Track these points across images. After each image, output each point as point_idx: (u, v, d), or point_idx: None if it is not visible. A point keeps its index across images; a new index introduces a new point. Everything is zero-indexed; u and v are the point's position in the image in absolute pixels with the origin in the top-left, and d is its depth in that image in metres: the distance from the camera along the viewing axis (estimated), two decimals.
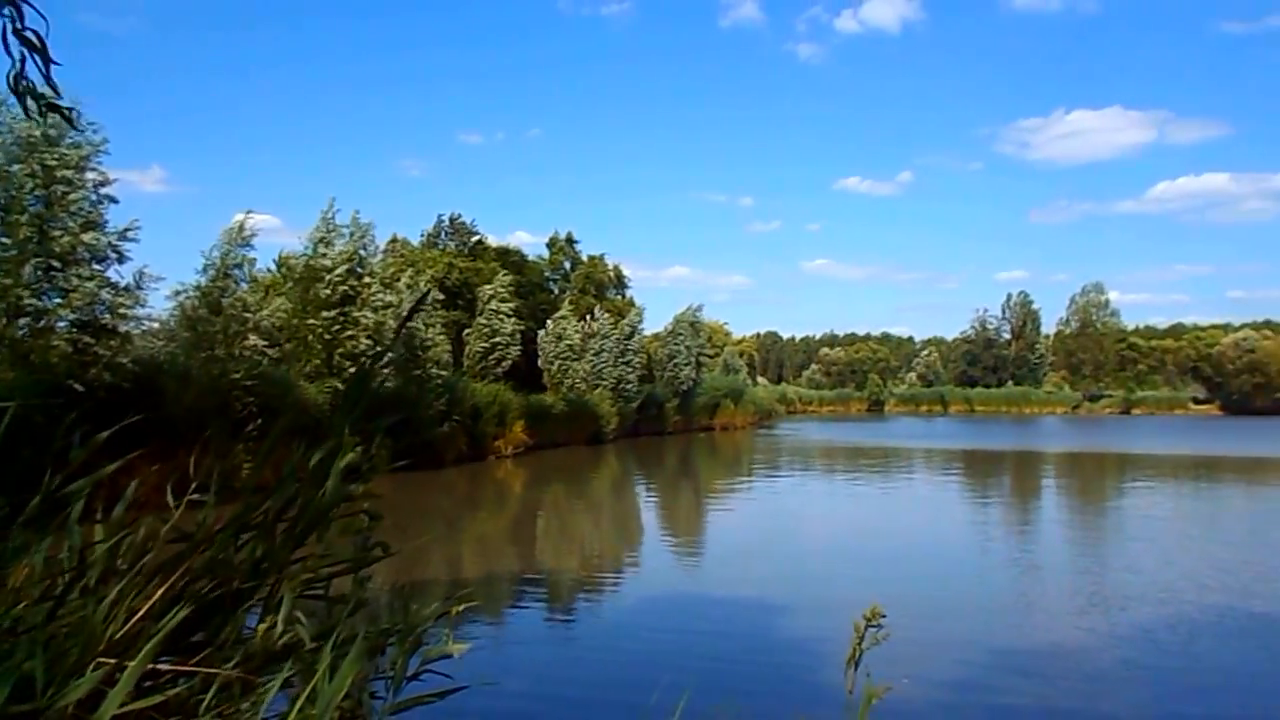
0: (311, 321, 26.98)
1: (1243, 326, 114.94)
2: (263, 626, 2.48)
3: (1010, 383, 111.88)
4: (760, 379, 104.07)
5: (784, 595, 12.22)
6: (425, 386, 28.93)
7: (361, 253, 28.57)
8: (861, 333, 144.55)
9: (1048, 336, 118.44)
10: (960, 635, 10.38)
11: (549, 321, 44.38)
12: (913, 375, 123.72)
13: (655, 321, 57.87)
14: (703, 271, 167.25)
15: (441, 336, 31.37)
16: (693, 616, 11.23)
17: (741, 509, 23.36)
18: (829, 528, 19.80)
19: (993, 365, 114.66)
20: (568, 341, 43.94)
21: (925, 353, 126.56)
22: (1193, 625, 10.59)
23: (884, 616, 4.21)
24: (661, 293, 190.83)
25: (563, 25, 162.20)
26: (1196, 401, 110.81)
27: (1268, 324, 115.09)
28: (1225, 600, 11.85)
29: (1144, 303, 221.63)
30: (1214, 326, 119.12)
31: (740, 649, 9.65)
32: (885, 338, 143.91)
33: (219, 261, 23.36)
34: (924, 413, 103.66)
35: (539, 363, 43.73)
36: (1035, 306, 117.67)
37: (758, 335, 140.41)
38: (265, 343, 24.86)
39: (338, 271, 27.61)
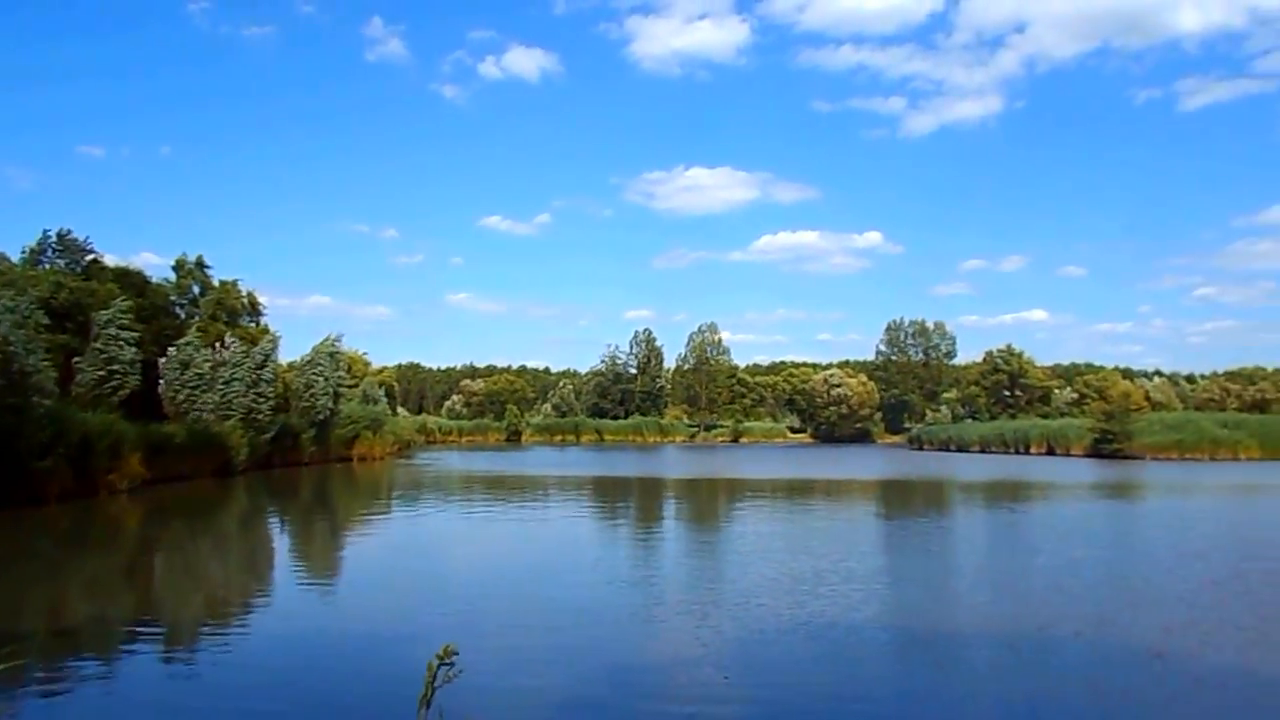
0: None
1: (830, 365, 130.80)
2: None
3: (636, 414, 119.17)
4: (401, 409, 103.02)
5: (423, 625, 12.84)
6: (26, 416, 26.36)
7: None
8: (501, 364, 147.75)
9: (669, 371, 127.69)
10: (568, 645, 11.71)
11: (171, 348, 41.68)
12: (548, 406, 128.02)
13: (295, 350, 55.88)
14: (344, 301, 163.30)
15: (46, 362, 28.71)
16: (323, 651, 11.40)
17: (378, 540, 23.55)
18: (464, 556, 20.59)
19: (620, 398, 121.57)
20: (195, 370, 41.52)
21: (560, 385, 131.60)
22: (765, 627, 12.58)
23: (456, 654, 4.29)
24: (301, 321, 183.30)
25: (199, 42, 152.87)
26: (793, 430, 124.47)
27: (848, 363, 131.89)
28: (795, 604, 14.04)
29: (751, 342, 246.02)
30: (807, 365, 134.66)
31: (374, 679, 10.13)
32: (523, 370, 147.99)
33: None
34: (558, 442, 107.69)
35: (161, 392, 40.92)
36: (659, 344, 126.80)
37: (399, 366, 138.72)
38: None
39: None
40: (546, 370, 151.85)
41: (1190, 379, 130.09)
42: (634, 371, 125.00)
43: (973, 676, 10.67)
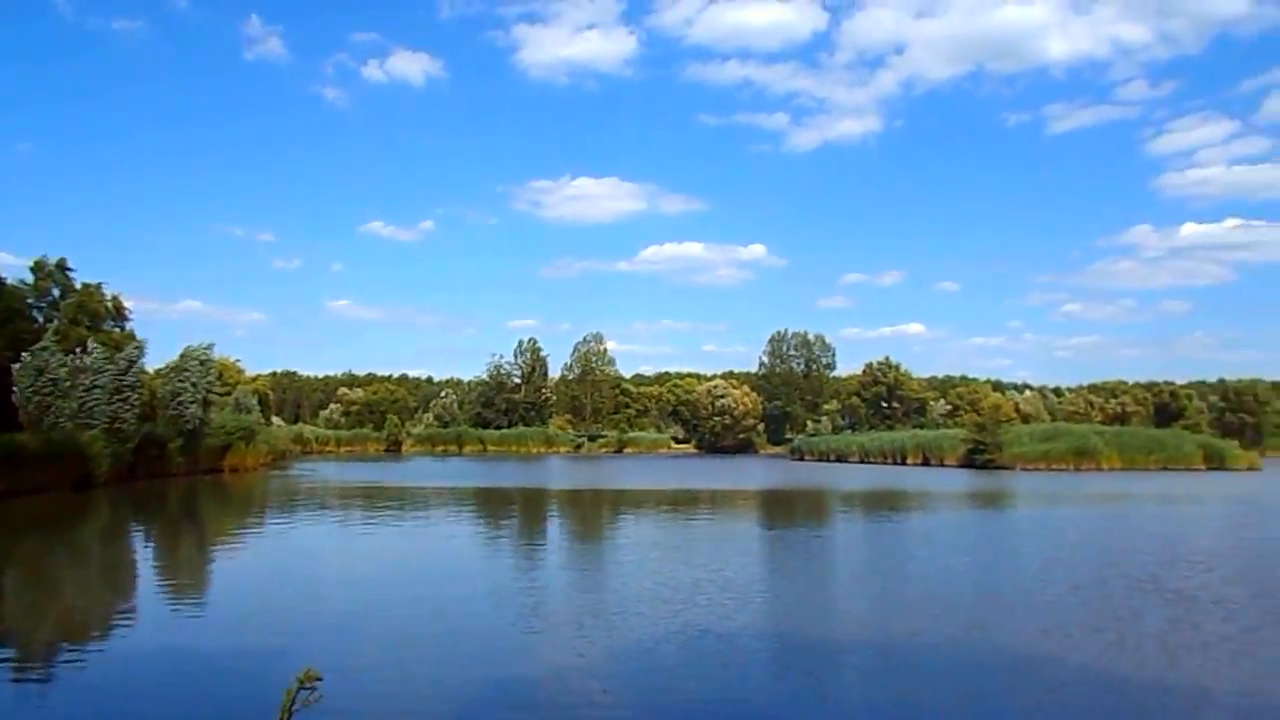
0: None
1: (714, 376, 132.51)
2: None
3: (520, 424, 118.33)
4: (276, 419, 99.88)
5: (292, 644, 12.39)
6: None
7: None
8: (382, 373, 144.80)
9: (554, 381, 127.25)
10: (443, 659, 11.50)
11: (26, 354, 39.47)
12: (430, 416, 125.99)
13: (164, 356, 53.48)
14: (218, 306, 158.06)
15: None
16: (182, 672, 10.95)
17: (248, 555, 22.67)
18: (339, 570, 19.99)
19: (505, 408, 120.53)
20: (51, 376, 39.40)
21: (443, 394, 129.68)
22: (642, 637, 12.61)
23: (320, 679, 4.06)
24: (172, 327, 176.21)
25: (65, 33, 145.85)
26: (677, 441, 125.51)
27: (732, 375, 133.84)
28: (671, 614, 14.11)
29: (636, 352, 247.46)
30: (691, 375, 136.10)
31: (235, 701, 9.73)
32: (404, 379, 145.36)
33: None
34: (440, 453, 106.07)
35: (15, 399, 38.69)
36: (544, 354, 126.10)
37: (274, 374, 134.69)
38: None
39: None
40: (429, 379, 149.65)
41: (1057, 392, 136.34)
42: (518, 381, 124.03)
43: (846, 681, 10.90)
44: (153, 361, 48.36)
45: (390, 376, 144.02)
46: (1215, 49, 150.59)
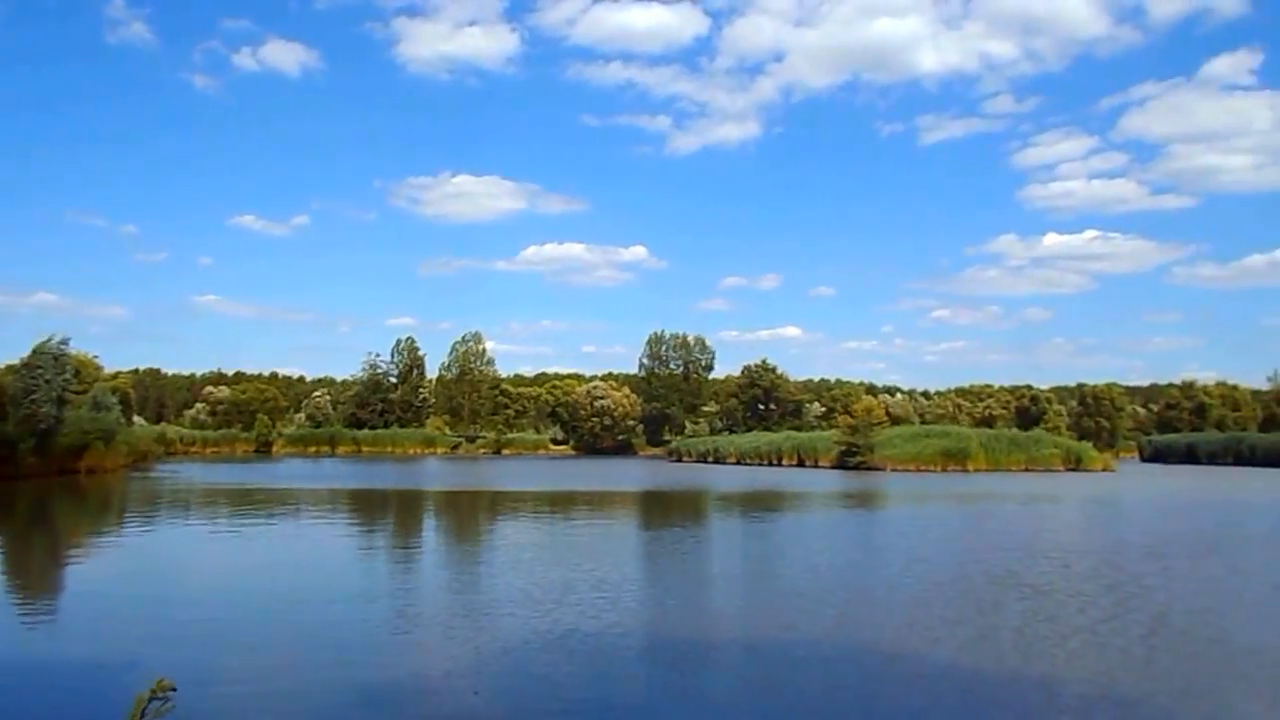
0: None
1: (593, 377, 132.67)
2: None
3: (396, 424, 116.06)
4: (138, 418, 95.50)
5: (150, 655, 11.86)
6: None
7: None
8: (251, 371, 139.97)
9: (431, 381, 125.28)
10: (311, 664, 11.20)
11: None
12: (302, 416, 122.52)
13: (14, 352, 50.59)
14: (75, 300, 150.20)
15: None
16: (24, 687, 10.43)
17: (104, 560, 21.58)
18: (203, 576, 19.25)
19: (381, 408, 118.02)
20: None
21: (316, 394, 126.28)
22: (513, 638, 12.51)
23: (174, 689, 3.83)
24: (24, 320, 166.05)
25: None
26: (556, 442, 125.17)
27: (611, 376, 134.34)
28: (543, 614, 14.06)
29: (515, 352, 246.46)
30: (571, 376, 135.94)
31: (83, 717, 9.32)
32: (275, 377, 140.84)
33: None
34: (313, 454, 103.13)
35: None
36: (421, 353, 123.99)
37: (136, 371, 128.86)
38: None
39: None
40: (301, 378, 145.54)
41: (927, 395, 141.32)
42: (395, 381, 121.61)
43: (714, 676, 11.09)
44: (2, 357, 45.66)
45: (260, 375, 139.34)
46: (1077, 67, 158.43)
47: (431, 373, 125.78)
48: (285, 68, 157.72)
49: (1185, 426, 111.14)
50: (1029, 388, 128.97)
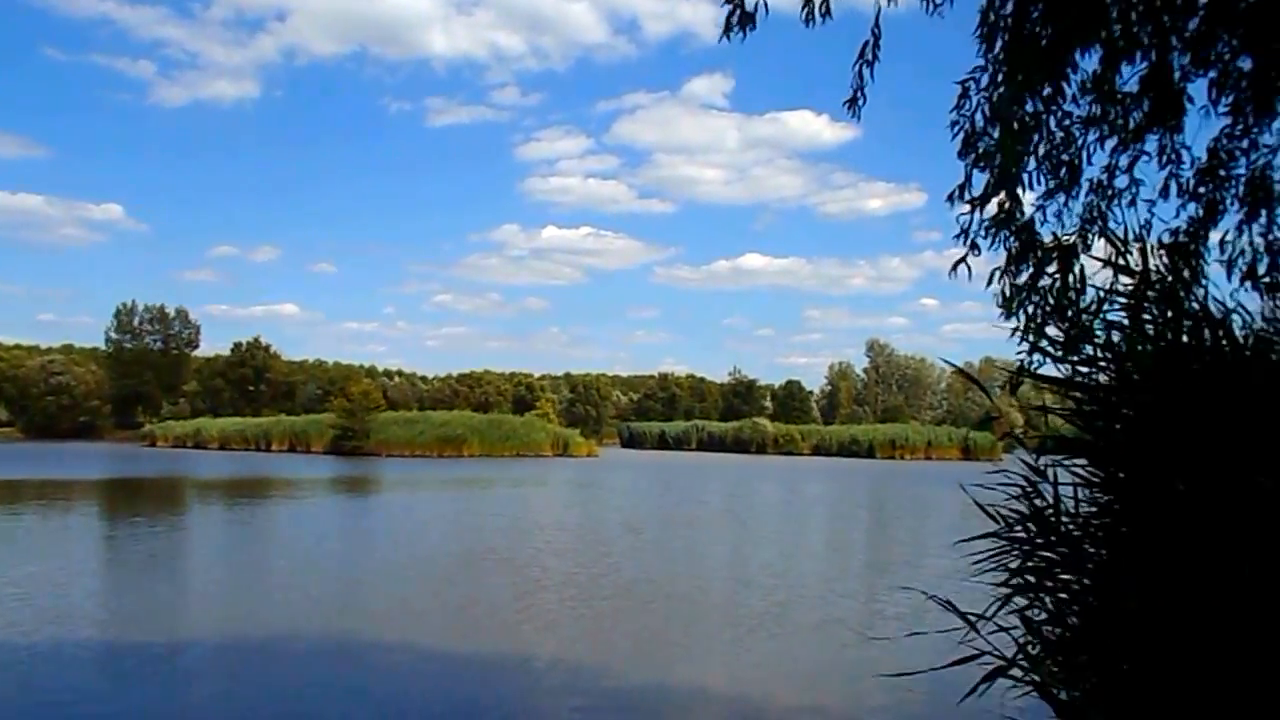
0: None
1: (50, 350, 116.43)
2: None
3: None
4: None
5: None
6: None
7: None
8: None
9: None
10: None
11: None
12: None
13: None
14: None
15: None
16: None
17: None
18: None
19: None
20: None
21: None
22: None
23: None
24: None
25: None
26: (2, 424, 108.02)
27: (73, 349, 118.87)
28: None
29: None
30: (21, 348, 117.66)
31: None
32: None
33: None
34: None
35: None
36: None
37: None
38: None
39: None
40: None
41: (425, 379, 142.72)
42: None
43: (189, 684, 10.21)
44: None
45: None
46: (578, 69, 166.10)
47: None
48: None
49: (659, 415, 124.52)
50: (525, 375, 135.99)
